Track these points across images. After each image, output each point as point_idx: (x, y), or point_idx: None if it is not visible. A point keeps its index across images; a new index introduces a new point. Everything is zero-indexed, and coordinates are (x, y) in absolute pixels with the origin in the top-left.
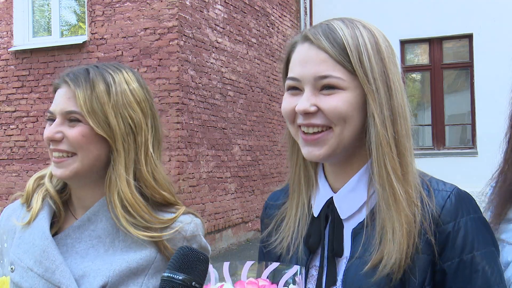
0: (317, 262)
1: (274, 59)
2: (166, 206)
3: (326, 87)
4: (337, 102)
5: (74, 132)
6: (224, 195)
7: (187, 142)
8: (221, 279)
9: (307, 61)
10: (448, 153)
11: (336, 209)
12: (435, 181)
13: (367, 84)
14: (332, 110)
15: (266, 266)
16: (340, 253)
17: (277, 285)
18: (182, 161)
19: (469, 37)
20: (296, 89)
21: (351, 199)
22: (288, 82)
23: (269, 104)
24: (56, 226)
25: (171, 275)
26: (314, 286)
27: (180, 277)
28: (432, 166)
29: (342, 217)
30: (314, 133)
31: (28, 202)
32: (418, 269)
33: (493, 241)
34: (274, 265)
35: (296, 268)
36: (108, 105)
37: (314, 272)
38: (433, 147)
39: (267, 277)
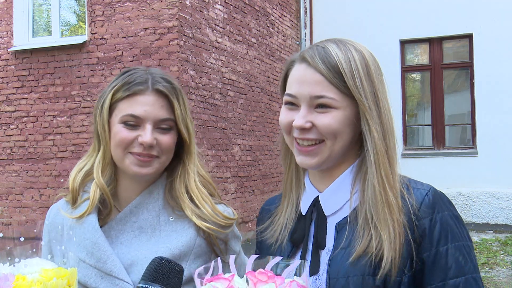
0: (298, 256)
1: (274, 59)
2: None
3: (320, 105)
4: (330, 120)
5: (167, 138)
6: (224, 195)
7: None
8: (227, 271)
9: (304, 81)
10: (448, 153)
11: (321, 207)
12: (413, 181)
13: (361, 102)
14: (325, 127)
15: (269, 260)
16: (323, 246)
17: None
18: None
19: (469, 37)
20: (293, 105)
21: (335, 198)
22: (286, 98)
23: (269, 104)
24: (100, 220)
25: (146, 285)
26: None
27: None
28: (432, 166)
29: (326, 213)
30: (308, 145)
31: (74, 200)
32: (401, 261)
33: (467, 235)
34: (277, 259)
35: (298, 262)
36: (187, 113)
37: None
38: (433, 147)
39: (270, 269)
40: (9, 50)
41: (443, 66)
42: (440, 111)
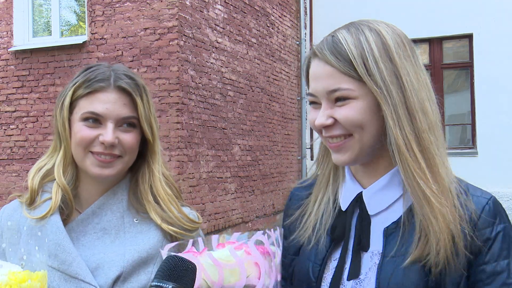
0: (337, 255)
1: (274, 59)
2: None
3: (339, 99)
4: (349, 112)
5: (129, 137)
6: (224, 195)
7: (187, 142)
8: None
9: (317, 77)
10: (448, 153)
11: (365, 204)
12: (472, 187)
13: (376, 90)
14: (346, 120)
15: (251, 236)
16: (366, 247)
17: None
18: (182, 161)
19: (469, 37)
20: (316, 103)
21: (381, 196)
22: (309, 98)
23: (269, 104)
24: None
25: (160, 284)
26: (331, 277)
27: (170, 286)
28: None
29: (370, 212)
30: (337, 142)
31: (32, 200)
32: (455, 269)
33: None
34: (259, 233)
35: (279, 231)
36: (151, 111)
37: (334, 263)
38: None
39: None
40: (9, 50)
41: (443, 66)
42: (440, 111)
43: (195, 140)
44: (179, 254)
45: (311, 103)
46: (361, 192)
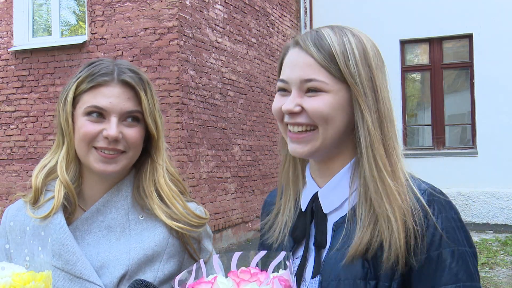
0: (299, 253)
1: (274, 59)
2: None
3: (311, 89)
4: (319, 103)
5: (133, 132)
6: (224, 195)
7: (187, 142)
8: (211, 272)
9: (295, 65)
10: (448, 153)
11: (320, 204)
12: (412, 178)
13: (354, 86)
14: (314, 111)
15: (253, 256)
16: (324, 245)
17: (267, 271)
18: (182, 161)
19: (469, 37)
20: (285, 91)
21: (334, 194)
22: (278, 84)
23: (269, 104)
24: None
25: None
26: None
27: None
28: (432, 166)
29: (325, 211)
30: (299, 132)
31: (36, 199)
32: (392, 263)
33: (466, 241)
34: (262, 253)
35: (283, 254)
36: (156, 106)
37: (297, 262)
38: (433, 147)
39: (256, 265)
40: (9, 50)
41: (443, 66)
42: (440, 111)
43: (195, 140)
44: (193, 283)
45: (280, 90)
46: (317, 192)
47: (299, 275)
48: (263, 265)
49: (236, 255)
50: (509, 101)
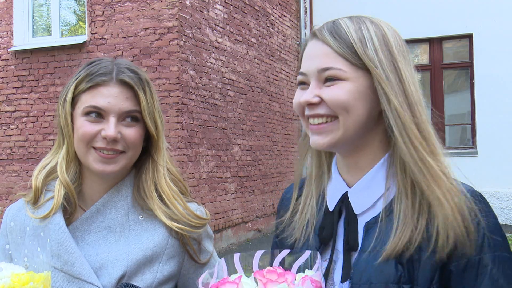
0: (327, 256)
1: (274, 59)
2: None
3: (329, 79)
4: (337, 92)
5: (132, 132)
6: (224, 195)
7: (187, 142)
8: (233, 271)
9: (312, 56)
10: (448, 153)
11: (351, 204)
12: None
13: (375, 69)
14: (332, 99)
15: (277, 255)
16: (355, 247)
17: (290, 271)
18: (182, 161)
19: (469, 37)
20: (304, 84)
21: (366, 194)
22: (298, 77)
23: (269, 104)
24: (64, 220)
25: None
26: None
27: None
28: None
29: (356, 212)
30: (319, 123)
31: (36, 199)
32: (429, 264)
33: (505, 246)
34: (285, 252)
35: (308, 253)
36: (155, 105)
37: (324, 264)
38: None
39: (279, 265)
40: (9, 50)
41: (443, 66)
42: (440, 111)
43: (195, 140)
44: (216, 283)
45: (300, 83)
46: (346, 191)
47: (326, 279)
48: (282, 264)
49: (258, 254)
50: (509, 101)
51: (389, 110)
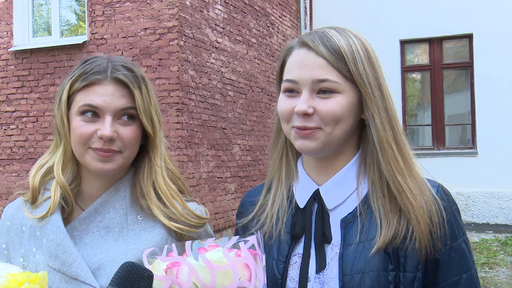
0: (300, 250)
1: (274, 59)
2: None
3: (323, 90)
4: (334, 105)
5: (128, 131)
6: (224, 195)
7: (187, 142)
8: (181, 254)
9: (305, 65)
10: (448, 153)
11: (323, 200)
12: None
13: (364, 87)
14: (328, 113)
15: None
16: (329, 240)
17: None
18: (182, 161)
19: (469, 37)
20: (293, 91)
21: (338, 191)
22: (285, 84)
23: (269, 104)
24: (62, 219)
25: None
26: (298, 272)
27: None
28: (432, 166)
29: (329, 207)
30: (305, 128)
31: (34, 199)
32: (417, 253)
33: (464, 229)
34: (235, 238)
35: (254, 237)
36: (151, 103)
37: (297, 259)
38: (433, 147)
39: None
40: (9, 50)
41: (443, 66)
42: (440, 111)
43: (195, 140)
44: (167, 257)
45: (287, 90)
46: (318, 189)
47: (304, 272)
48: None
49: (209, 241)
50: (509, 101)
51: (373, 126)
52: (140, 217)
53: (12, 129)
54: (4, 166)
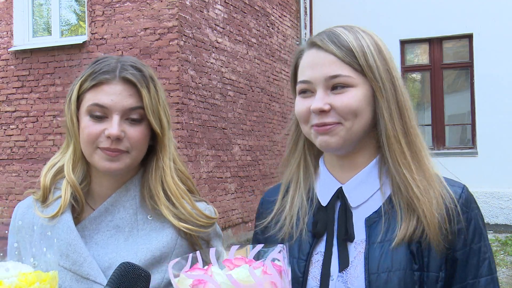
0: (321, 248)
1: (274, 59)
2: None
3: (337, 86)
4: (349, 99)
5: (136, 131)
6: (224, 195)
7: (187, 142)
8: (207, 263)
9: (316, 64)
10: (448, 153)
11: (346, 198)
12: (445, 178)
13: (374, 81)
14: (345, 107)
15: (251, 249)
16: (352, 238)
17: (264, 262)
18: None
19: (469, 37)
20: (307, 92)
21: (361, 189)
22: (300, 86)
23: (269, 104)
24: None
25: None
26: (320, 271)
27: None
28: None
29: (352, 205)
30: (325, 125)
31: (45, 198)
32: (439, 251)
33: (486, 235)
34: (259, 246)
35: (280, 247)
36: (160, 102)
37: (319, 257)
38: (433, 147)
39: (253, 258)
40: (9, 50)
41: (443, 66)
42: (440, 111)
43: (195, 140)
44: (189, 272)
45: (302, 91)
46: (341, 187)
47: (326, 270)
48: (259, 258)
49: (233, 248)
50: (509, 101)
51: (381, 119)
52: (149, 217)
53: (12, 129)
54: (4, 166)
